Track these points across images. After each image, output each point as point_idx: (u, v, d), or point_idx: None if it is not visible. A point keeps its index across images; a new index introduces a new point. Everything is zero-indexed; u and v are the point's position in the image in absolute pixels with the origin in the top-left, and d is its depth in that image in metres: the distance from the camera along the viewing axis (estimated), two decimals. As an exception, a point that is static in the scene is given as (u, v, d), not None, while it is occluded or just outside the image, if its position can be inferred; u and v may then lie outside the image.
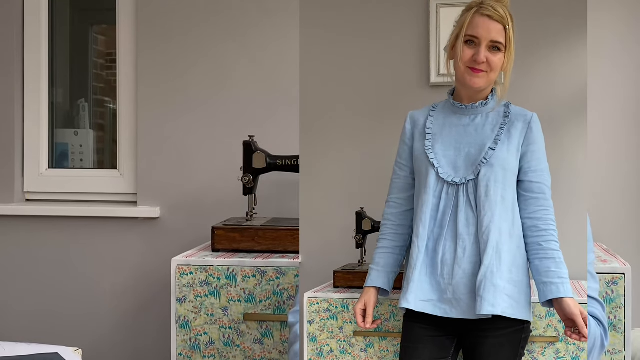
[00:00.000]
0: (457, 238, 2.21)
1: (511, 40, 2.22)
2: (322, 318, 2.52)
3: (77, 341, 3.34)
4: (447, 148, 2.26)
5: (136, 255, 3.48)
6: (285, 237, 2.90)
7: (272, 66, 3.37)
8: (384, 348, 2.49)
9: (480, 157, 2.22)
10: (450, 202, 2.23)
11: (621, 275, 2.59)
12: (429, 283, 2.23)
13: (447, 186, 2.24)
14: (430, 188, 2.24)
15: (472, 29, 2.21)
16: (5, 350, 2.43)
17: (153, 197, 3.46)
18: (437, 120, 2.30)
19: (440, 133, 2.28)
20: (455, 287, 2.20)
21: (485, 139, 2.24)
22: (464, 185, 2.22)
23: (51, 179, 3.62)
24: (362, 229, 2.66)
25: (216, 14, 3.40)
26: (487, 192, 2.20)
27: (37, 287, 3.54)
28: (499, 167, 2.21)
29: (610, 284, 2.59)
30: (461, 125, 2.27)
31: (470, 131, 2.26)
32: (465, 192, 2.22)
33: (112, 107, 3.73)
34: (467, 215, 2.21)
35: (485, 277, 2.17)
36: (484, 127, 2.25)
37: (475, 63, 2.20)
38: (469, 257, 2.20)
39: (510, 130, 2.23)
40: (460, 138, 2.26)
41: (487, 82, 2.23)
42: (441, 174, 2.23)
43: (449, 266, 2.21)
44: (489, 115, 2.26)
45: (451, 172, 2.24)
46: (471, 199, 2.22)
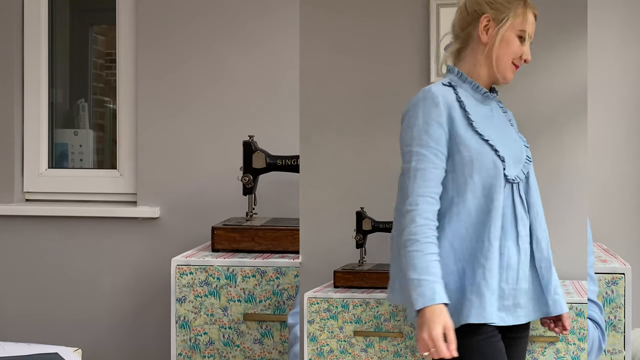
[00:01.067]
0: (517, 239, 2.05)
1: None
2: (322, 318, 2.52)
3: (77, 341, 3.34)
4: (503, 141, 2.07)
5: (136, 255, 3.48)
6: (285, 237, 2.90)
7: (272, 66, 3.37)
8: (384, 348, 2.49)
9: (523, 154, 2.10)
10: (508, 201, 2.04)
11: (621, 275, 2.59)
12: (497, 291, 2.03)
13: (507, 185, 2.05)
14: (501, 186, 2.02)
15: (525, 23, 2.10)
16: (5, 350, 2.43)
17: (153, 197, 3.46)
18: (471, 106, 2.08)
19: (483, 122, 2.07)
20: (517, 291, 2.05)
21: (513, 133, 2.14)
22: (517, 184, 2.07)
23: (51, 179, 3.62)
24: (362, 229, 2.66)
25: (216, 14, 3.40)
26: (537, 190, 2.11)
27: (37, 287, 3.54)
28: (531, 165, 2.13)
29: (610, 283, 2.59)
30: (489, 116, 2.11)
31: (499, 124, 2.12)
32: (518, 191, 2.07)
33: (112, 107, 3.73)
34: (522, 216, 2.06)
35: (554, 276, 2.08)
36: (500, 118, 2.14)
37: (520, 60, 2.10)
38: (530, 260, 2.07)
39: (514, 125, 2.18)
40: (499, 130, 2.10)
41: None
42: (507, 171, 2.03)
43: (514, 270, 2.04)
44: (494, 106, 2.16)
45: (513, 170, 2.06)
46: (523, 199, 2.08)
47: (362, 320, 2.49)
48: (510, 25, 2.09)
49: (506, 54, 2.09)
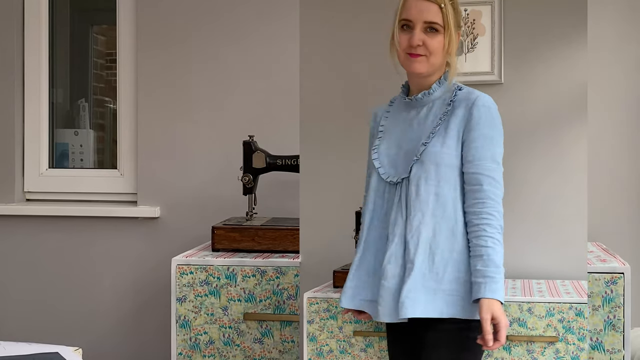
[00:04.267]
0: (387, 239, 2.14)
1: (450, 19, 2.11)
2: (322, 318, 2.52)
3: (77, 341, 3.34)
4: (390, 146, 2.19)
5: (136, 255, 3.48)
6: (285, 237, 2.90)
7: (272, 66, 3.37)
8: (383, 348, 2.49)
9: (414, 153, 2.13)
10: (391, 202, 2.15)
11: (620, 275, 2.59)
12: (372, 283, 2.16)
13: (388, 186, 2.17)
14: (372, 189, 2.19)
15: (405, 12, 2.13)
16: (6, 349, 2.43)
17: (153, 197, 3.46)
18: (392, 116, 2.24)
19: (390, 130, 2.21)
20: (381, 288, 2.11)
21: (422, 133, 2.14)
22: (399, 184, 2.14)
23: (51, 179, 3.62)
24: (362, 229, 2.66)
25: (216, 14, 3.40)
26: (418, 191, 2.10)
27: (37, 287, 3.54)
28: (430, 163, 2.10)
29: (609, 283, 2.59)
30: (407, 120, 2.19)
31: (413, 126, 2.17)
32: (399, 191, 2.14)
33: (112, 107, 3.73)
34: (396, 216, 2.13)
35: (416, 279, 2.06)
36: (425, 119, 2.15)
37: (411, 47, 2.11)
38: (396, 259, 2.11)
39: (450, 120, 2.12)
40: (403, 134, 2.18)
41: (428, 67, 2.12)
42: (382, 174, 2.17)
43: (382, 268, 2.13)
44: (435, 105, 2.15)
45: (391, 171, 2.17)
46: (402, 199, 2.13)
47: (362, 320, 2.49)
48: (395, 22, 2.15)
49: (398, 48, 2.16)
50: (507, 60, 2.49)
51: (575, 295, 2.38)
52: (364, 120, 2.79)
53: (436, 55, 2.11)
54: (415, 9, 2.10)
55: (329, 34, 2.80)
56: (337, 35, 2.79)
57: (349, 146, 2.80)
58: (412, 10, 2.11)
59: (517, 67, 2.56)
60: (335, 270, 2.64)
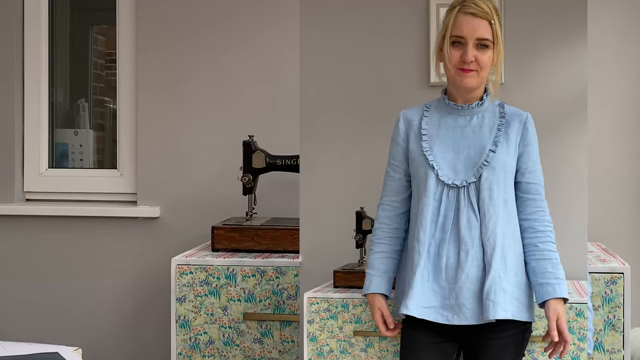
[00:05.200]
0: (459, 242, 2.19)
1: (498, 35, 2.19)
2: (322, 318, 2.52)
3: (77, 341, 3.34)
4: (446, 150, 2.23)
5: (136, 255, 3.48)
6: (285, 237, 2.90)
7: (272, 66, 3.37)
8: (383, 348, 2.49)
9: (481, 159, 2.20)
10: (452, 205, 2.20)
11: (620, 275, 2.60)
12: (431, 289, 2.21)
13: (447, 189, 2.21)
14: (430, 191, 2.21)
15: (457, 28, 2.18)
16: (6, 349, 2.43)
17: (153, 197, 3.46)
18: (432, 121, 2.27)
19: (436, 134, 2.25)
20: (458, 292, 2.18)
21: (484, 140, 2.22)
22: (464, 187, 2.20)
23: (51, 179, 3.62)
24: (362, 229, 2.66)
25: (216, 14, 3.40)
26: (491, 195, 2.18)
27: (37, 287, 3.54)
28: (500, 170, 2.19)
29: (609, 283, 2.59)
30: (458, 127, 2.24)
31: (468, 132, 2.23)
32: (467, 194, 2.20)
33: (112, 107, 3.73)
34: (469, 219, 2.19)
35: (494, 281, 2.15)
36: (481, 128, 2.23)
37: (464, 63, 2.17)
38: (472, 260, 2.17)
39: (508, 131, 2.22)
40: (458, 139, 2.23)
41: (478, 81, 2.21)
42: (441, 176, 2.21)
43: (452, 271, 2.18)
44: (485, 116, 2.24)
45: (451, 174, 2.21)
46: (473, 202, 2.19)
47: (362, 320, 2.49)
48: (445, 37, 2.20)
49: (448, 63, 2.21)
50: (508, 60, 2.49)
51: (575, 295, 2.39)
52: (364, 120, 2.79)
53: (486, 70, 2.20)
54: (467, 27, 2.17)
55: (329, 34, 2.80)
56: (337, 36, 2.79)
57: (349, 146, 2.80)
58: (463, 28, 2.17)
59: (518, 68, 2.56)
60: (335, 270, 2.64)
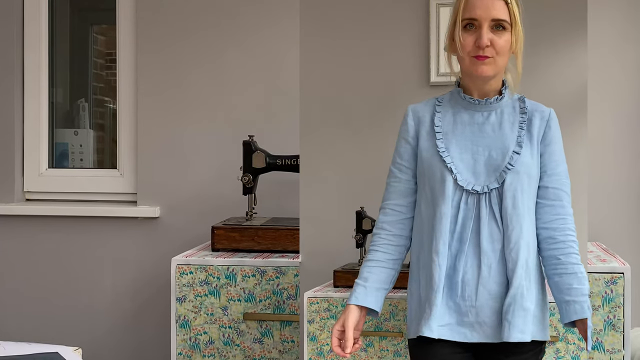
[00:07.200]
0: (480, 255, 1.95)
1: (516, 16, 1.96)
2: (322, 317, 2.52)
3: (77, 341, 3.34)
4: (464, 150, 1.98)
5: (136, 255, 3.48)
6: (285, 237, 2.90)
7: (272, 66, 3.37)
8: (384, 347, 2.49)
9: (504, 162, 1.96)
10: (470, 213, 1.96)
11: (620, 275, 2.60)
12: (446, 305, 1.97)
13: (466, 195, 1.97)
14: (448, 197, 1.96)
15: (469, 10, 1.94)
16: (6, 349, 2.43)
17: (153, 197, 3.46)
18: (446, 117, 2.02)
19: (452, 132, 2.00)
20: (479, 309, 1.96)
21: (506, 140, 1.98)
22: (486, 194, 1.96)
23: (51, 179, 3.62)
24: (362, 229, 2.66)
25: (216, 14, 3.40)
26: (515, 204, 1.95)
27: (37, 287, 3.54)
28: (524, 174, 1.96)
29: (609, 283, 2.59)
30: (475, 124, 2.00)
31: (487, 131, 1.99)
32: (488, 202, 1.96)
33: (112, 107, 3.73)
34: (492, 230, 1.96)
35: (515, 300, 1.93)
36: (501, 125, 1.99)
37: (479, 49, 1.93)
38: (494, 276, 1.95)
39: (531, 131, 2.00)
40: (476, 139, 1.99)
41: (495, 69, 1.97)
42: (460, 181, 1.96)
43: (471, 287, 1.96)
44: (504, 112, 2.01)
45: (471, 178, 1.97)
46: (495, 210, 1.96)
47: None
48: (457, 22, 1.97)
49: (461, 51, 1.97)
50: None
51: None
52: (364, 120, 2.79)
53: (503, 56, 1.97)
54: (480, 7, 1.93)
55: (329, 34, 2.80)
56: (337, 35, 2.79)
57: (349, 146, 2.80)
58: (477, 9, 1.93)
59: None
60: (336, 270, 2.64)
